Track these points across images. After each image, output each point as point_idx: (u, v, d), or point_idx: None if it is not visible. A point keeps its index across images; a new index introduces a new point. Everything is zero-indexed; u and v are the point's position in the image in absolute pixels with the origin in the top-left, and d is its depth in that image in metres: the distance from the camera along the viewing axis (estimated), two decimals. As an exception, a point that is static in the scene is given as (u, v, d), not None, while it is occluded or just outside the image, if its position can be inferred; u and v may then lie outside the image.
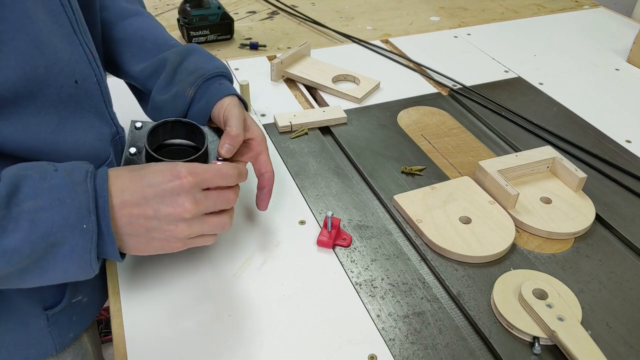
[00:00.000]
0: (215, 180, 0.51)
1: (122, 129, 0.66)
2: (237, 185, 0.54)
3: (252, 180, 0.75)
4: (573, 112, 0.92)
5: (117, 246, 0.49)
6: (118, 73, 0.72)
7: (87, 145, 0.57)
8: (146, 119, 0.67)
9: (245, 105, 0.66)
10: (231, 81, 0.69)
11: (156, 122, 0.62)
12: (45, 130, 0.52)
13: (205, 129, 0.64)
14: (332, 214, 0.63)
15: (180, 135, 0.64)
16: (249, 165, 0.66)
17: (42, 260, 0.45)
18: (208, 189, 0.51)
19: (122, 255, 0.51)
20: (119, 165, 0.64)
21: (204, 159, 0.60)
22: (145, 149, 0.58)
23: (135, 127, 0.63)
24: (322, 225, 0.66)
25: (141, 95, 0.71)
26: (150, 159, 0.59)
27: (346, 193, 0.73)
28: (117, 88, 0.73)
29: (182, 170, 0.49)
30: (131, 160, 0.59)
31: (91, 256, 0.47)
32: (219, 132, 0.64)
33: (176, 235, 0.49)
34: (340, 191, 0.73)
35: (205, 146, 0.60)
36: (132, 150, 0.60)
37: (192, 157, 0.58)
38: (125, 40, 0.69)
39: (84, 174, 0.47)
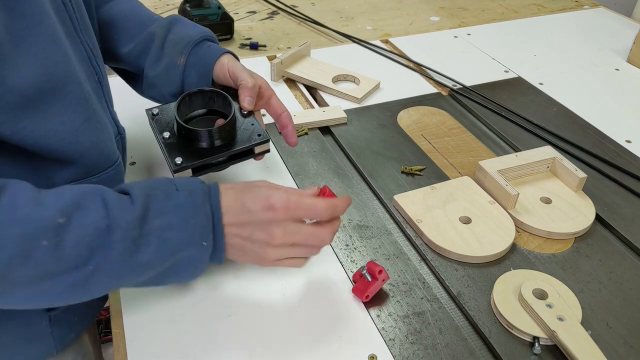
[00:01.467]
0: (308, 215, 0.53)
1: (123, 128, 0.66)
2: (336, 220, 0.56)
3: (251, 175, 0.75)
4: (573, 112, 0.92)
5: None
6: (107, 58, 0.71)
7: (101, 145, 0.57)
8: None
9: (238, 59, 0.68)
10: (217, 44, 0.69)
11: (178, 99, 0.63)
12: (68, 130, 0.52)
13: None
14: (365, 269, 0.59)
15: (198, 105, 0.66)
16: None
17: (167, 270, 0.51)
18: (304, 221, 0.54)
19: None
20: (125, 164, 0.64)
21: (233, 122, 0.63)
22: (179, 124, 0.61)
23: (153, 114, 0.64)
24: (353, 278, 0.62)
25: (132, 77, 0.71)
26: (185, 133, 0.61)
27: (346, 193, 0.73)
28: (115, 88, 0.73)
29: (277, 203, 0.52)
30: (170, 145, 0.61)
31: (204, 266, 0.52)
32: (225, 91, 0.66)
33: (265, 257, 0.53)
34: (340, 191, 0.73)
35: (233, 110, 0.62)
36: (166, 135, 0.62)
37: (224, 124, 0.61)
38: (109, 24, 0.69)
39: (203, 195, 0.51)
